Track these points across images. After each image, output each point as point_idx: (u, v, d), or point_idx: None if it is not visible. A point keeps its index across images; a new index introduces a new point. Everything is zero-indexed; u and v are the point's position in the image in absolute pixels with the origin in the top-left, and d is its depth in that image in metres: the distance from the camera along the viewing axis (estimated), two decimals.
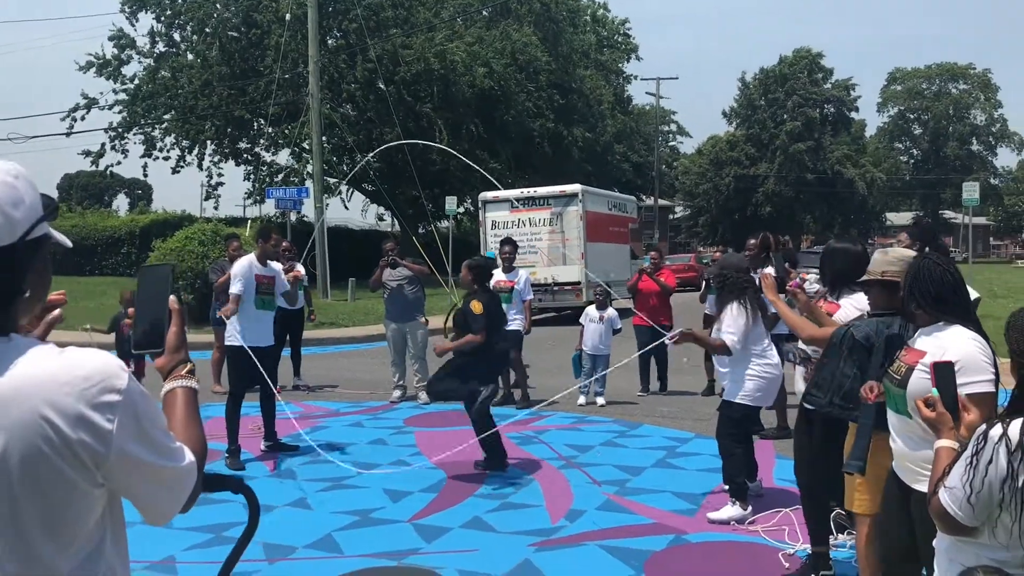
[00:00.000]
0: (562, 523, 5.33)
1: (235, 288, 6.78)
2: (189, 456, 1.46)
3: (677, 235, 65.26)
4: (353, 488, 6.15)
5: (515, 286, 9.55)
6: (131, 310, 1.66)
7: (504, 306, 9.82)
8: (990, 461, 1.91)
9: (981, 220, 77.35)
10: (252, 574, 4.52)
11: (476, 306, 6.38)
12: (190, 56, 30.06)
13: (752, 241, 8.85)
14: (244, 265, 6.87)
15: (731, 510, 5.28)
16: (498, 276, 9.96)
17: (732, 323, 5.24)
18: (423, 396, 9.28)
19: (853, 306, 4.25)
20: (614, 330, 9.59)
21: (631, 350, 9.32)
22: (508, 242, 10.10)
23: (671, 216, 66.44)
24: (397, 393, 9.65)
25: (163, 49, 30.67)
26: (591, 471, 6.54)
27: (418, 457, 7.02)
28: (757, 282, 5.40)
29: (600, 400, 9.40)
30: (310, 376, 11.06)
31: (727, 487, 5.40)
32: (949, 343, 2.70)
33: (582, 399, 9.43)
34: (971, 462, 1.97)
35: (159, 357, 1.63)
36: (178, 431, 1.51)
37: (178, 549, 4.87)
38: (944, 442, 2.27)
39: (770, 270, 8.41)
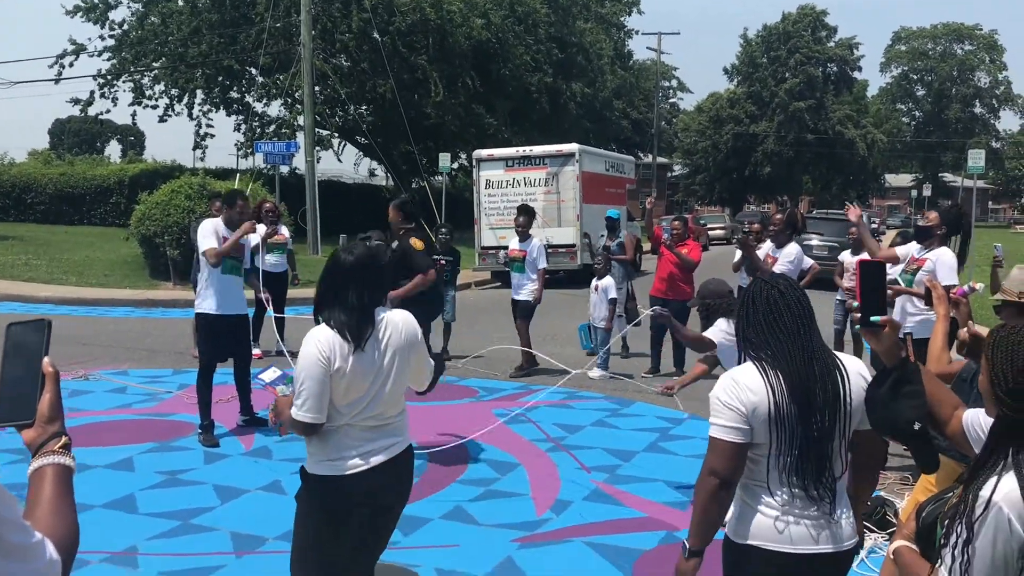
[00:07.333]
0: (548, 515, 5.08)
1: (207, 244, 6.31)
2: (50, 553, 1.17)
3: (675, 193, 64.74)
4: None
5: (527, 256, 9.25)
6: None
7: (517, 276, 9.52)
8: (995, 532, 1.60)
9: (980, 183, 76.79)
10: (218, 568, 4.26)
11: (416, 242, 5.76)
12: (180, 2, 29.17)
13: (778, 216, 8.24)
14: (210, 227, 6.41)
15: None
16: (512, 245, 9.61)
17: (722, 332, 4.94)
18: None
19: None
20: (608, 299, 9.25)
21: (644, 323, 8.76)
22: (524, 211, 9.63)
23: (669, 174, 65.80)
24: None
25: None
26: (580, 455, 6.27)
27: None
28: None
29: (593, 373, 8.90)
30: (296, 340, 10.72)
31: None
32: None
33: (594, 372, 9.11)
34: (963, 544, 1.63)
35: (28, 429, 1.33)
36: (42, 518, 1.24)
37: (141, 539, 4.60)
38: (899, 543, 2.00)
39: (792, 248, 7.80)
